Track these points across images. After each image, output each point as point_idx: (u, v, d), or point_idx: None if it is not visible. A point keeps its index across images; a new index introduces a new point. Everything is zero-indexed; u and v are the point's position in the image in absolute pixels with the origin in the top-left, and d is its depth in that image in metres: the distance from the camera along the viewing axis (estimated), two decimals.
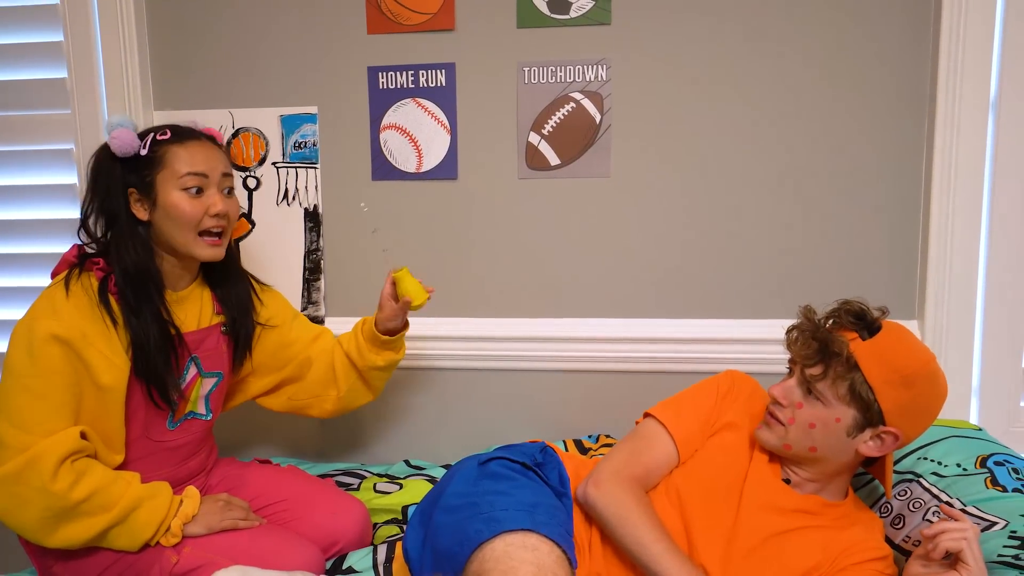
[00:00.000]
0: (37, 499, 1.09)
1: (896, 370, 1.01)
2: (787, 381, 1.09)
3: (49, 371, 1.11)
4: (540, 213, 1.65)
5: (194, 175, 1.20)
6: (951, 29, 1.45)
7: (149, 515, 1.16)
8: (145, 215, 1.21)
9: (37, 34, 1.71)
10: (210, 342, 1.32)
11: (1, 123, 1.75)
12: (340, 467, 1.64)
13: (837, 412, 1.03)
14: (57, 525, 1.11)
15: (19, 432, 1.10)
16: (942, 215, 1.50)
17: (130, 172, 1.21)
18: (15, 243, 1.80)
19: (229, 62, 1.68)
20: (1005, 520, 1.01)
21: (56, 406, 1.12)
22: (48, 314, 1.13)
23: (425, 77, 1.64)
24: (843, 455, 1.06)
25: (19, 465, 1.08)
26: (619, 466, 1.11)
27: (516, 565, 0.90)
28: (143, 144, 1.20)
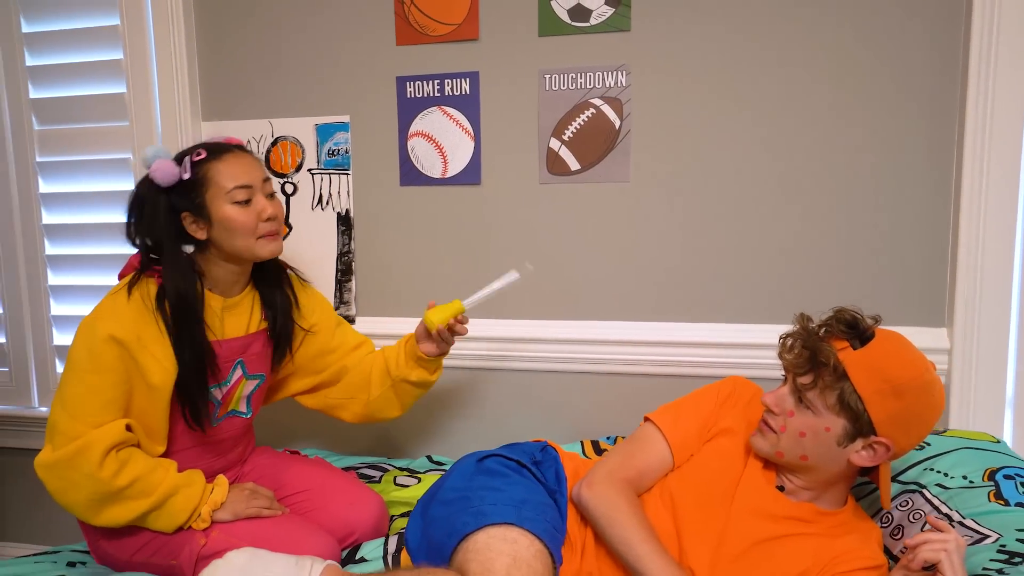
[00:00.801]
0: (85, 483, 1.19)
1: (887, 380, 0.99)
2: (780, 389, 1.09)
3: (104, 368, 1.21)
4: (560, 217, 1.68)
5: (241, 188, 1.28)
6: (982, 29, 1.40)
7: (184, 502, 1.25)
8: (203, 234, 1.28)
9: (100, 53, 1.86)
10: (256, 346, 1.40)
11: (66, 135, 1.91)
12: (366, 460, 1.71)
13: (827, 421, 1.02)
14: (102, 507, 1.22)
15: (73, 421, 1.20)
16: (971, 220, 1.44)
17: (179, 197, 1.27)
18: (77, 245, 1.95)
19: (269, 76, 1.79)
20: (998, 534, 0.97)
21: (107, 401, 1.22)
22: (110, 316, 1.23)
23: (450, 86, 1.70)
24: (835, 464, 1.05)
25: (71, 452, 1.19)
26: (613, 468, 1.14)
27: (493, 556, 0.93)
28: (183, 168, 1.27)
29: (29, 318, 2.00)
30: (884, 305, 1.53)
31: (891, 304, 1.53)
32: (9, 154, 1.95)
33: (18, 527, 2.12)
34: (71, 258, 1.96)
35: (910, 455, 1.23)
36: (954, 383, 1.49)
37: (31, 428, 2.02)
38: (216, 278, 1.34)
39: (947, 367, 1.50)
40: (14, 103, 1.93)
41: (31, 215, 1.96)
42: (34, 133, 1.93)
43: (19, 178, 1.95)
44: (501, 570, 0.92)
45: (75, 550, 1.38)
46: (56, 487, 1.21)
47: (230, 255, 1.32)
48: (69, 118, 1.90)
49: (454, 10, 1.66)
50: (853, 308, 1.07)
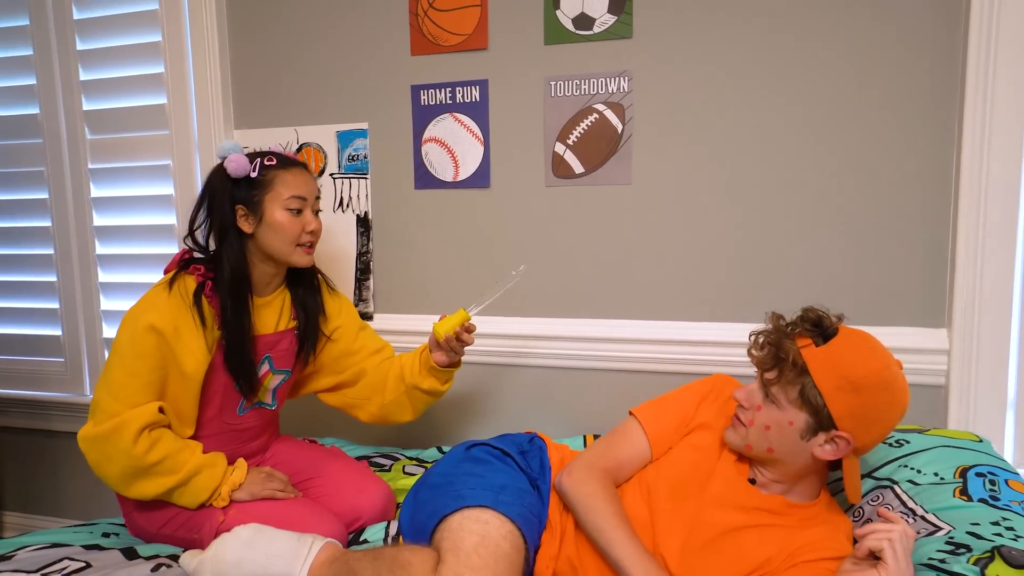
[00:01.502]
0: (120, 458, 1.32)
1: (845, 376, 1.02)
2: (751, 385, 1.13)
3: (144, 355, 1.34)
4: (565, 219, 1.74)
5: (296, 198, 1.42)
6: (980, 26, 1.40)
7: (207, 481, 1.37)
8: (250, 229, 1.41)
9: (144, 68, 2.01)
10: (284, 344, 1.52)
11: (111, 144, 2.07)
12: (379, 450, 1.81)
13: (790, 416, 1.06)
14: (133, 480, 1.34)
15: (113, 401, 1.33)
16: (971, 220, 1.44)
17: (241, 191, 1.41)
18: (121, 245, 2.11)
19: (294, 86, 1.90)
20: (951, 527, 0.99)
21: (144, 384, 1.34)
22: (151, 308, 1.36)
23: (461, 93, 1.78)
24: (800, 458, 1.08)
25: (109, 428, 1.31)
26: (593, 458, 1.20)
27: (464, 535, 1.01)
28: (253, 167, 1.41)
29: (82, 313, 2.17)
30: (883, 306, 1.54)
31: (891, 305, 1.54)
32: (65, 161, 2.12)
33: (76, 505, 2.30)
34: (118, 257, 2.12)
35: (887, 452, 1.25)
36: (953, 384, 1.48)
37: (84, 414, 2.19)
38: (255, 274, 1.46)
39: (946, 368, 1.50)
40: (70, 114, 2.10)
41: (84, 218, 2.13)
42: (87, 142, 2.10)
43: (73, 183, 2.13)
44: (469, 547, 0.99)
45: (111, 523, 1.51)
46: (94, 459, 1.34)
47: (268, 255, 1.44)
48: (114, 128, 2.07)
49: (465, 21, 1.74)
50: (820, 307, 1.11)
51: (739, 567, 1.07)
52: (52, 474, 2.30)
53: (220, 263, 1.41)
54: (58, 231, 2.15)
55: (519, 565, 1.03)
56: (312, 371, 1.62)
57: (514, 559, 1.02)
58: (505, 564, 1.00)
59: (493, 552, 1.00)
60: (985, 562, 0.87)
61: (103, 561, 1.27)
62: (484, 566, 0.97)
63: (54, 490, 2.31)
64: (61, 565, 1.22)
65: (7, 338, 2.27)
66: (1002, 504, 1.03)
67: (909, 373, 1.50)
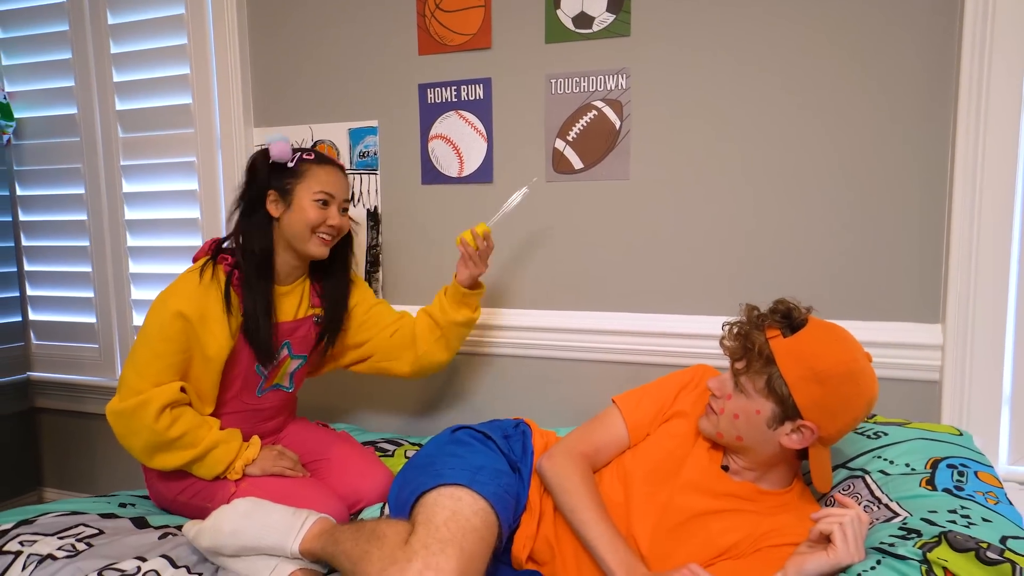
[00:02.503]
0: (143, 432, 1.40)
1: (810, 367, 1.04)
2: (724, 374, 1.16)
3: (170, 339, 1.43)
4: (565, 213, 1.78)
5: (325, 192, 1.51)
6: (975, 23, 1.39)
7: (222, 455, 1.46)
8: (277, 213, 1.51)
9: (171, 69, 2.12)
10: (302, 331, 1.61)
11: (142, 142, 2.19)
12: (386, 436, 1.88)
13: (757, 404, 1.08)
14: (155, 453, 1.43)
15: (139, 379, 1.41)
16: (964, 214, 1.43)
17: (275, 177, 1.51)
18: (149, 238, 2.23)
19: (309, 86, 1.99)
20: (908, 513, 1.00)
21: (168, 365, 1.43)
22: (181, 294, 1.45)
23: (466, 91, 1.83)
24: (768, 446, 1.10)
25: (134, 404, 1.40)
26: (572, 444, 1.24)
27: (437, 510, 1.06)
28: (292, 158, 1.52)
29: (114, 301, 2.30)
30: (877, 300, 1.54)
31: (884, 299, 1.54)
32: (100, 159, 2.25)
33: (109, 483, 2.43)
34: (147, 249, 2.24)
35: (863, 443, 1.25)
36: (947, 380, 1.48)
37: None
38: (276, 264, 1.54)
39: (940, 363, 1.49)
40: (104, 114, 2.23)
41: (116, 212, 2.25)
42: (119, 140, 2.22)
43: (107, 179, 2.25)
44: (439, 520, 1.05)
45: (130, 494, 1.61)
46: (120, 432, 1.43)
47: (288, 240, 1.52)
48: (143, 127, 2.18)
49: (469, 21, 1.80)
50: (791, 299, 1.13)
51: (706, 551, 1.09)
52: (88, 453, 2.44)
53: (247, 245, 1.49)
54: (93, 224, 2.29)
55: (489, 541, 1.08)
56: (331, 353, 1.70)
57: (484, 535, 1.07)
58: (474, 538, 1.04)
59: (462, 526, 1.05)
60: (931, 546, 0.88)
61: (116, 528, 1.36)
62: (451, 538, 1.02)
63: (89, 468, 2.45)
64: (77, 530, 1.32)
65: (47, 325, 2.42)
66: (965, 494, 1.04)
67: (902, 368, 1.52)
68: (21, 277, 2.41)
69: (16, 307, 2.37)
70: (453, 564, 0.99)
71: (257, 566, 1.20)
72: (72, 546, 1.24)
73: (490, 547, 1.08)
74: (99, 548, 1.25)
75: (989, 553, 0.84)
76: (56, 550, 1.23)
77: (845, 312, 1.56)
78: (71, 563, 1.18)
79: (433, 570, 0.97)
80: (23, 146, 2.36)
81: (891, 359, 1.52)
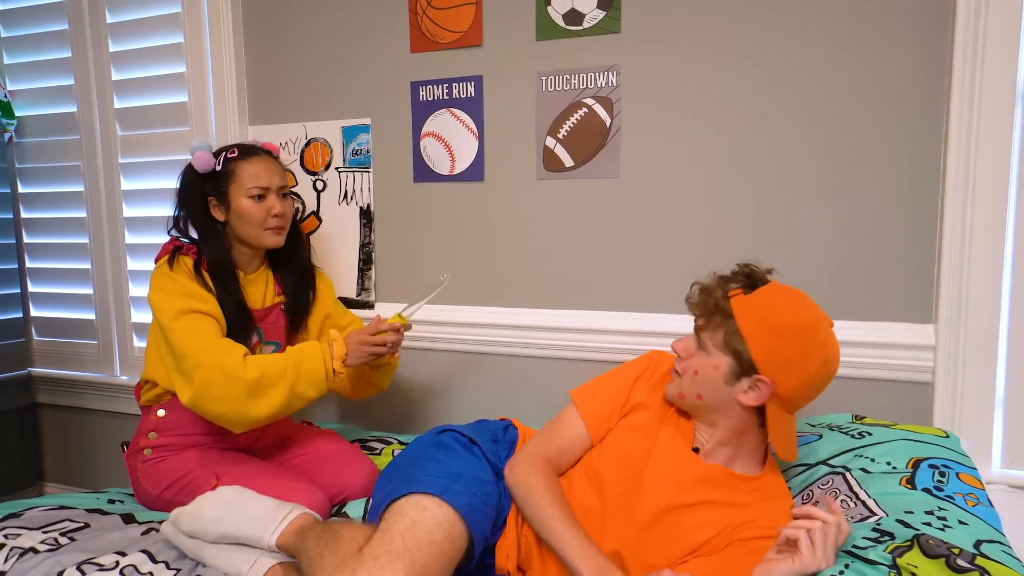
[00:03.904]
0: (228, 391, 1.36)
1: (764, 320, 1.06)
2: (687, 336, 1.17)
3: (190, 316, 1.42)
4: (555, 211, 1.77)
5: (257, 187, 1.53)
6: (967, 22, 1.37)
7: (311, 361, 1.43)
8: (222, 217, 1.55)
9: (167, 67, 2.14)
10: (271, 317, 1.63)
11: (140, 140, 2.21)
12: (375, 434, 1.88)
13: (716, 360, 1.10)
14: (250, 404, 1.38)
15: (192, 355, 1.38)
16: (957, 213, 1.41)
17: (209, 184, 1.54)
18: (148, 235, 2.24)
19: (302, 85, 1.99)
20: (884, 513, 0.98)
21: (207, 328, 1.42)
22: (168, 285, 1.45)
23: (457, 89, 1.83)
24: (729, 405, 1.11)
25: (205, 374, 1.36)
26: (534, 449, 1.23)
27: (399, 519, 1.05)
28: (217, 162, 1.54)
29: (112, 298, 2.32)
30: (870, 300, 1.52)
31: (877, 299, 1.52)
32: (99, 156, 2.27)
33: (108, 479, 2.45)
34: (146, 247, 2.25)
35: (847, 442, 1.24)
36: (939, 381, 1.45)
37: (115, 393, 2.34)
38: (235, 256, 1.58)
39: (932, 364, 1.46)
40: (103, 112, 2.24)
41: (115, 209, 2.27)
42: (118, 138, 2.24)
43: (106, 177, 2.27)
44: (396, 531, 1.03)
45: (120, 491, 1.62)
46: (212, 409, 1.38)
47: (241, 239, 1.56)
48: (140, 125, 2.20)
49: (460, 19, 1.79)
50: (754, 262, 1.15)
51: (680, 547, 1.08)
52: (87, 449, 2.46)
53: (206, 251, 1.52)
54: (92, 221, 2.30)
55: (451, 554, 1.05)
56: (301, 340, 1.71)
57: (446, 548, 1.04)
58: (431, 551, 1.02)
59: (420, 538, 1.02)
60: (902, 551, 0.87)
61: (101, 523, 1.37)
62: (404, 551, 1.00)
63: (89, 464, 2.47)
64: (62, 525, 1.33)
65: (48, 321, 2.44)
66: (944, 495, 1.02)
67: (894, 369, 1.50)
68: (22, 274, 2.44)
69: (17, 303, 2.39)
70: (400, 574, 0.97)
71: (236, 559, 1.20)
72: (55, 540, 1.26)
73: (452, 560, 1.06)
74: (81, 543, 1.26)
75: (960, 560, 0.83)
76: (39, 543, 1.23)
77: (837, 312, 1.53)
78: (52, 556, 1.19)
79: None
80: (24, 144, 2.38)
81: (883, 360, 1.50)
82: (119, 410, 2.35)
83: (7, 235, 2.35)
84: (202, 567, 1.21)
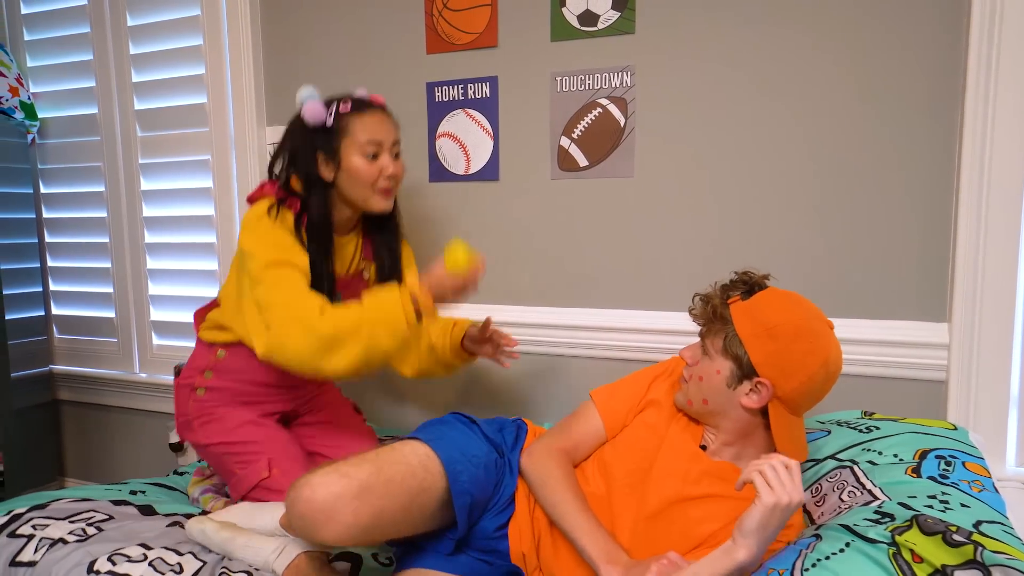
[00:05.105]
0: (306, 338, 1.29)
1: (761, 323, 1.09)
2: (693, 343, 1.20)
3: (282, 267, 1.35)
4: (570, 210, 1.78)
5: (371, 143, 1.42)
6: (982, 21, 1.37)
7: (390, 305, 1.29)
8: (330, 175, 1.43)
9: (186, 69, 2.17)
10: (353, 285, 1.56)
11: (159, 141, 2.25)
12: (388, 432, 1.90)
13: (718, 364, 1.13)
14: (325, 357, 1.29)
15: (281, 306, 1.32)
16: (971, 211, 1.41)
17: (319, 139, 1.43)
18: (167, 234, 2.28)
19: (320, 86, 2.00)
20: (887, 498, 1.00)
21: (296, 280, 1.35)
22: (265, 236, 1.37)
23: (473, 89, 1.85)
24: (731, 408, 1.13)
25: (287, 323, 1.31)
26: (550, 440, 1.26)
27: (380, 448, 1.15)
28: (329, 114, 1.42)
29: (132, 297, 2.36)
30: (883, 299, 1.53)
31: (890, 298, 1.52)
32: (119, 157, 2.31)
33: (128, 474, 2.49)
34: (164, 246, 2.29)
35: (854, 436, 1.25)
36: (953, 379, 1.46)
37: (134, 390, 2.38)
38: (335, 218, 1.48)
39: (946, 363, 1.47)
40: (124, 114, 2.28)
41: (135, 209, 2.31)
42: (138, 139, 2.28)
43: (126, 177, 2.31)
44: (374, 452, 1.12)
45: (141, 482, 1.65)
46: (285, 362, 1.32)
47: (347, 200, 1.47)
48: (160, 126, 2.24)
49: (476, 20, 1.82)
50: (751, 269, 1.18)
51: (686, 540, 1.10)
52: (107, 444, 2.50)
53: (307, 209, 1.43)
54: (112, 221, 2.34)
55: (423, 481, 1.11)
56: None
57: (417, 471, 1.11)
58: (400, 469, 1.09)
59: (392, 457, 1.10)
60: (901, 530, 0.89)
61: (126, 514, 1.40)
62: (375, 459, 1.09)
63: (108, 459, 2.51)
64: (88, 516, 1.36)
65: (69, 319, 2.49)
66: (949, 482, 1.03)
67: (908, 368, 1.51)
68: (44, 272, 2.48)
69: (40, 302, 2.44)
70: (363, 473, 1.04)
71: (262, 549, 1.23)
72: (83, 530, 1.28)
73: (422, 487, 1.10)
74: (109, 532, 1.29)
75: (956, 536, 0.85)
76: (67, 534, 1.26)
77: (851, 310, 1.55)
78: (81, 547, 1.22)
79: (339, 473, 1.04)
80: (46, 145, 2.43)
81: (897, 358, 1.51)
82: (138, 407, 2.39)
83: (30, 235, 2.39)
84: (228, 560, 1.24)
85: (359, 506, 1.02)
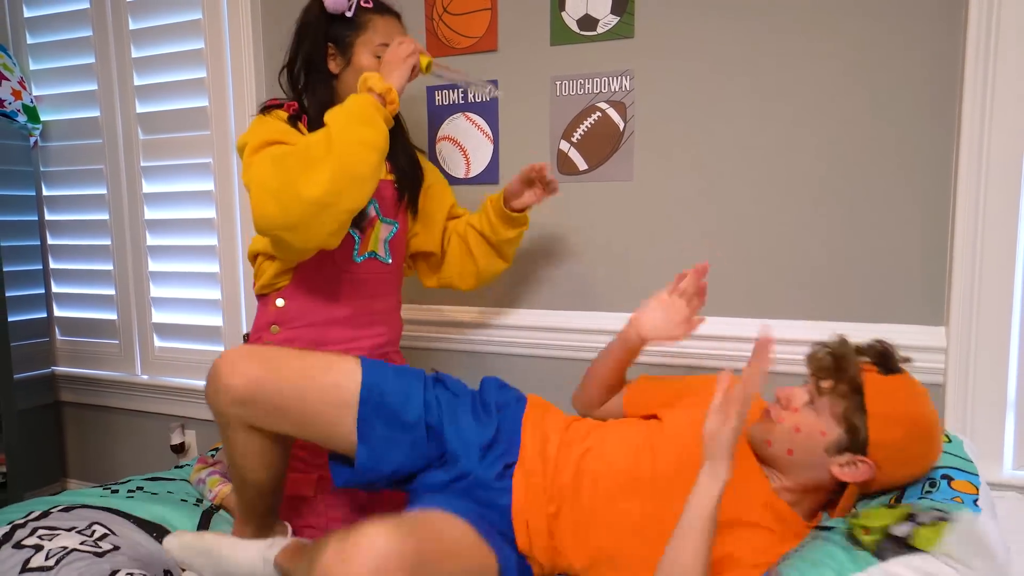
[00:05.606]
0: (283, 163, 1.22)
1: (896, 407, 1.05)
2: (796, 387, 1.14)
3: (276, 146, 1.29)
4: (569, 214, 1.79)
5: (385, 46, 1.39)
6: (980, 18, 1.38)
7: (348, 102, 1.26)
8: (336, 69, 1.41)
9: (187, 72, 2.18)
10: (384, 191, 1.50)
11: (161, 144, 2.26)
12: None
13: (825, 426, 1.07)
14: (302, 175, 1.20)
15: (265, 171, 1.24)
16: (969, 214, 1.41)
17: (334, 28, 1.40)
18: (169, 237, 2.29)
19: None
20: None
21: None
22: (259, 126, 1.34)
23: (473, 93, 1.86)
24: (815, 470, 1.09)
25: (261, 167, 1.24)
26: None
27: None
28: (350, 6, 1.39)
29: (134, 299, 2.37)
30: (880, 302, 1.53)
31: (888, 301, 1.53)
32: (121, 160, 2.32)
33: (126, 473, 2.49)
34: (166, 248, 2.30)
35: None
36: (950, 383, 1.46)
37: (136, 393, 2.39)
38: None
39: (943, 366, 1.48)
40: (125, 117, 2.29)
41: (136, 211, 2.32)
42: (139, 142, 2.29)
43: (128, 180, 2.32)
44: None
45: (145, 478, 1.65)
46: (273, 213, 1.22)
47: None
48: (161, 129, 2.25)
49: (476, 24, 1.82)
50: (890, 343, 1.13)
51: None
52: (108, 446, 2.51)
53: (308, 100, 1.40)
54: (114, 223, 2.35)
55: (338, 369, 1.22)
56: (414, 233, 1.64)
57: (333, 361, 1.23)
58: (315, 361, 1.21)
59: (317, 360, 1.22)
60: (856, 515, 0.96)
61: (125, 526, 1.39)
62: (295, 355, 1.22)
63: (110, 460, 2.52)
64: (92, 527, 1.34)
65: (71, 321, 2.50)
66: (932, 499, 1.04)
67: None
68: (47, 274, 2.49)
69: (42, 304, 2.45)
70: (255, 364, 1.15)
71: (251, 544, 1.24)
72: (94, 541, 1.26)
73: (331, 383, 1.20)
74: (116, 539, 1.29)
75: (899, 501, 0.91)
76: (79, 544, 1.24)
77: (848, 314, 1.56)
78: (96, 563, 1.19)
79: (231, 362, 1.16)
80: (49, 148, 2.44)
81: None
82: (140, 408, 2.40)
83: (32, 237, 2.41)
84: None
85: (250, 367, 1.15)
